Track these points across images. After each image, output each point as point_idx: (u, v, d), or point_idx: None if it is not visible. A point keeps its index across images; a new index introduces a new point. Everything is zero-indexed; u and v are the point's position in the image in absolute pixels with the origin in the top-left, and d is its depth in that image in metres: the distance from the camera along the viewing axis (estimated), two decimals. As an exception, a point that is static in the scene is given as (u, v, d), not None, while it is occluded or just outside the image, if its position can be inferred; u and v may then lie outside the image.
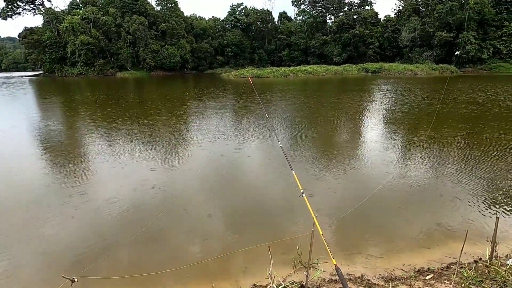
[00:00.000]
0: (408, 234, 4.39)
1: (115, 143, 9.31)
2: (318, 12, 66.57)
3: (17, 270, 3.74)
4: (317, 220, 2.42)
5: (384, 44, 59.20)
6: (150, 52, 57.87)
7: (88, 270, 3.51)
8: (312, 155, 8.05)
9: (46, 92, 29.07)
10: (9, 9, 59.31)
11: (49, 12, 58.47)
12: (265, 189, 5.99)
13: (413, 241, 4.25)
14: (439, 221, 4.66)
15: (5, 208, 5.30)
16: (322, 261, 3.65)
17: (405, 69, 43.73)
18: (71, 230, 4.58)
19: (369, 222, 4.73)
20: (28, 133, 11.17)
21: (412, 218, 4.81)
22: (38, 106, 19.42)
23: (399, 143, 8.97)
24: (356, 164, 7.17)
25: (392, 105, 16.15)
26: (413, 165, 7.09)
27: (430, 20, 50.09)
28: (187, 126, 11.99)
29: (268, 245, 3.00)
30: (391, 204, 5.29)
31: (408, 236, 4.35)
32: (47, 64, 60.02)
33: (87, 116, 14.33)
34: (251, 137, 9.77)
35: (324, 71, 45.26)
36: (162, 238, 4.33)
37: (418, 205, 5.22)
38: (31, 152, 8.80)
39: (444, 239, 4.24)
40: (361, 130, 10.84)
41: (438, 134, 9.76)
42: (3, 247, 4.17)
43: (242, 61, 68.38)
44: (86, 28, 55.44)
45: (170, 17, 60.50)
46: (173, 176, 6.64)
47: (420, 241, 4.23)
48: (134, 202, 5.38)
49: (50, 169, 7.26)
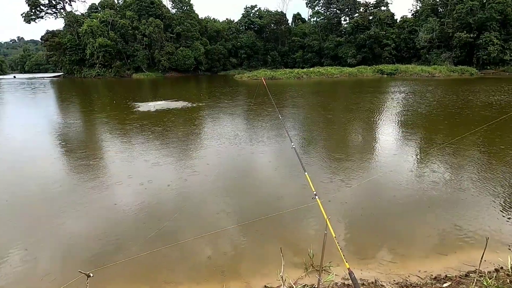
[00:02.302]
0: (424, 240, 4.26)
1: (140, 142, 9.52)
2: (332, 14, 65.96)
3: (33, 262, 3.87)
4: (330, 222, 2.38)
5: (401, 45, 57.91)
6: (165, 54, 58.94)
7: (102, 265, 3.59)
8: (325, 157, 7.95)
9: (72, 93, 30.10)
10: (32, 13, 61.84)
11: (70, 15, 60.60)
12: (278, 190, 5.96)
13: (430, 247, 4.12)
14: (458, 227, 4.50)
15: (24, 202, 5.50)
16: (334, 265, 3.59)
17: (422, 71, 42.59)
18: (87, 225, 4.70)
19: (383, 226, 4.62)
20: (51, 131, 11.57)
21: (428, 223, 4.66)
22: (66, 105, 20.11)
23: (417, 146, 8.74)
24: (371, 166, 7.03)
25: (411, 107, 15.70)
26: (431, 168, 6.88)
27: (449, 21, 48.64)
28: (201, 127, 12.11)
29: (280, 247, 2.97)
30: (406, 208, 5.15)
31: (424, 242, 4.22)
32: (67, 65, 62.18)
33: (104, 115, 14.71)
34: (264, 138, 9.76)
35: (338, 73, 44.73)
36: (175, 237, 4.38)
37: (435, 210, 5.05)
38: (53, 148, 9.12)
39: (462, 246, 4.09)
40: (378, 133, 10.63)
41: (460, 136, 9.45)
42: (21, 238, 4.33)
43: (255, 62, 68.57)
44: (104, 31, 57.10)
45: (185, 20, 61.45)
46: (188, 177, 6.70)
47: (437, 247, 4.09)
48: (149, 201, 5.47)
49: (69, 165, 7.49)
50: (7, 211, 5.27)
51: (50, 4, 62.42)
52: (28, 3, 60.20)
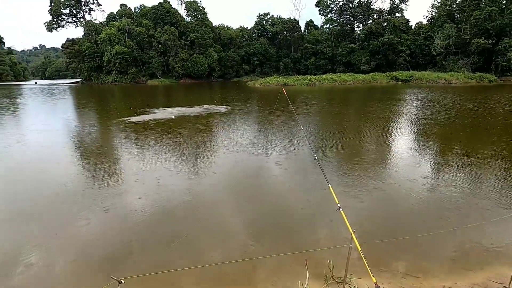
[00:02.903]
0: (449, 254, 4.12)
1: (157, 147, 9.70)
2: (345, 20, 65.86)
3: (63, 266, 3.96)
4: (355, 235, 2.34)
5: (416, 52, 57.04)
6: (179, 61, 60.16)
7: (134, 274, 3.64)
8: (346, 167, 7.85)
9: (91, 98, 31.08)
10: (54, 22, 64.59)
11: (89, 24, 62.93)
12: (298, 201, 5.86)
13: (454, 261, 3.98)
14: (485, 241, 4.33)
15: (43, 205, 5.67)
16: (356, 277, 3.52)
17: (439, 78, 41.69)
18: (105, 229, 4.79)
19: (405, 239, 4.49)
20: (71, 136, 11.94)
21: (454, 237, 4.50)
22: (86, 110, 20.75)
23: (440, 156, 8.52)
24: (393, 176, 6.88)
25: (431, 114, 15.30)
26: (455, 180, 6.65)
27: (466, 27, 47.66)
28: (217, 134, 12.21)
29: (305, 258, 2.94)
30: (430, 220, 4.99)
31: (449, 256, 4.08)
32: (85, 72, 64.39)
33: (121, 122, 15.07)
34: (284, 147, 9.69)
35: (351, 80, 44.39)
36: (192, 245, 4.40)
37: (461, 223, 4.87)
38: (73, 153, 9.40)
39: (490, 261, 3.93)
40: (399, 142, 10.38)
41: (485, 146, 9.17)
42: (41, 240, 4.46)
43: (267, 69, 69.02)
44: (121, 39, 58.95)
45: (199, 27, 62.72)
46: (205, 184, 6.75)
47: (462, 262, 3.95)
48: (164, 207, 5.53)
49: (86, 169, 7.69)
50: (27, 213, 5.43)
51: (71, 13, 65.07)
52: (50, 13, 62.94)
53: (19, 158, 8.90)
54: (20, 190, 6.54)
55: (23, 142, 10.81)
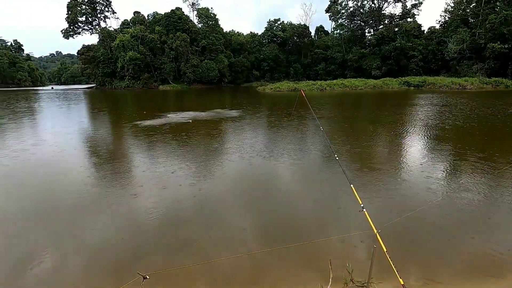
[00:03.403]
0: (475, 259, 3.96)
1: (173, 152, 9.81)
2: (356, 26, 65.70)
3: (83, 263, 4.01)
4: (380, 236, 2.28)
5: (428, 57, 56.20)
6: (190, 67, 61.09)
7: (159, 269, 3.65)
8: (366, 169, 7.72)
9: (105, 103, 31.82)
10: (71, 29, 66.77)
11: (104, 31, 64.78)
12: (317, 201, 5.80)
13: (481, 267, 3.82)
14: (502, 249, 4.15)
15: (59, 207, 5.77)
16: (376, 281, 3.42)
17: (452, 83, 40.83)
18: (118, 230, 4.83)
19: (429, 243, 4.35)
20: (85, 138, 12.20)
21: (481, 242, 4.33)
22: (102, 114, 21.24)
23: (467, 164, 8.28)
24: (418, 182, 6.71)
25: (449, 119, 14.91)
26: (486, 182, 6.43)
27: (481, 31, 46.75)
28: (234, 137, 12.25)
29: (330, 258, 2.88)
30: (456, 224, 4.83)
31: (475, 262, 3.92)
32: (99, 77, 66.13)
33: (136, 125, 15.33)
34: (304, 149, 9.68)
35: (362, 85, 43.97)
36: (214, 249, 4.38)
37: (490, 228, 4.69)
38: (86, 156, 9.59)
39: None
40: (422, 148, 10.10)
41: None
42: (55, 241, 4.53)
43: (277, 74, 69.29)
44: (134, 45, 60.37)
45: (210, 34, 63.69)
46: (226, 187, 6.75)
47: (490, 268, 3.79)
48: (175, 210, 5.55)
49: (100, 172, 7.81)
50: (44, 214, 5.54)
51: (87, 21, 67.16)
52: (67, 21, 65.11)
53: (40, 160, 9.13)
54: (39, 192, 6.68)
55: (44, 145, 11.10)
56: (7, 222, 5.21)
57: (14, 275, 3.80)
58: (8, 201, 6.09)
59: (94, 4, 66.04)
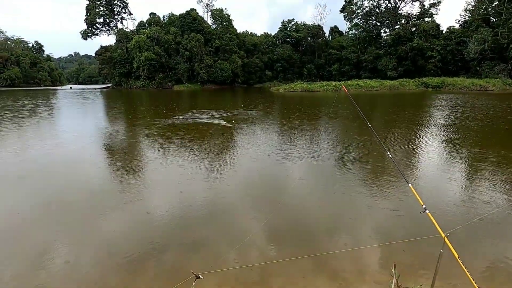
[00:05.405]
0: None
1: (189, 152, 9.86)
2: (372, 26, 64.59)
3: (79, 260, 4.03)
4: (448, 240, 2.16)
5: (447, 57, 54.63)
6: (204, 67, 61.63)
7: (211, 269, 3.61)
8: (421, 165, 7.51)
9: (121, 101, 32.49)
10: (89, 30, 68.59)
11: (121, 32, 66.17)
12: (373, 202, 5.61)
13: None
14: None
15: (75, 208, 5.85)
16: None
17: (473, 84, 39.53)
18: (131, 231, 4.85)
19: (492, 247, 4.14)
20: (103, 138, 12.43)
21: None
22: (122, 114, 21.67)
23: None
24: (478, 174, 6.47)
25: (483, 121, 14.39)
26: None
27: (503, 31, 45.13)
28: (263, 136, 12.19)
29: (394, 263, 2.76)
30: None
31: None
32: (116, 77, 67.60)
33: (148, 126, 15.52)
34: (353, 146, 9.61)
35: (378, 86, 43.18)
36: (246, 252, 4.32)
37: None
38: (104, 155, 9.75)
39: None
40: (468, 151, 9.67)
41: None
42: (71, 240, 4.58)
43: (290, 75, 68.91)
44: (150, 46, 61.40)
45: (224, 34, 64.05)
46: (258, 190, 6.68)
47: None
48: (184, 212, 5.48)
49: (116, 172, 7.91)
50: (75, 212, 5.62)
51: (105, 22, 68.83)
52: (86, 22, 66.91)
53: (67, 155, 9.34)
54: (62, 185, 6.82)
55: (67, 141, 11.38)
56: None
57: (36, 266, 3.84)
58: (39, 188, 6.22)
59: (111, 5, 67.63)
